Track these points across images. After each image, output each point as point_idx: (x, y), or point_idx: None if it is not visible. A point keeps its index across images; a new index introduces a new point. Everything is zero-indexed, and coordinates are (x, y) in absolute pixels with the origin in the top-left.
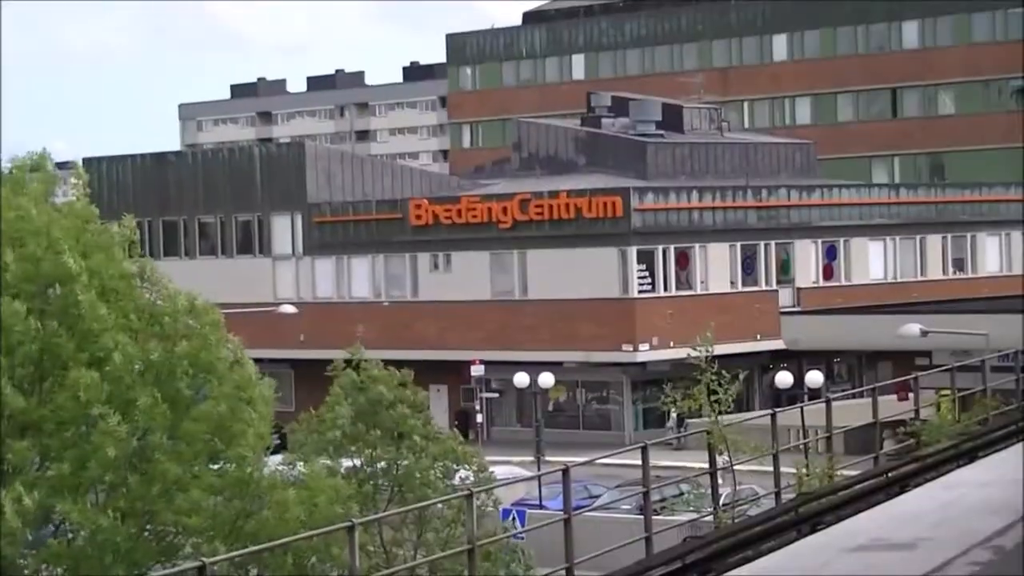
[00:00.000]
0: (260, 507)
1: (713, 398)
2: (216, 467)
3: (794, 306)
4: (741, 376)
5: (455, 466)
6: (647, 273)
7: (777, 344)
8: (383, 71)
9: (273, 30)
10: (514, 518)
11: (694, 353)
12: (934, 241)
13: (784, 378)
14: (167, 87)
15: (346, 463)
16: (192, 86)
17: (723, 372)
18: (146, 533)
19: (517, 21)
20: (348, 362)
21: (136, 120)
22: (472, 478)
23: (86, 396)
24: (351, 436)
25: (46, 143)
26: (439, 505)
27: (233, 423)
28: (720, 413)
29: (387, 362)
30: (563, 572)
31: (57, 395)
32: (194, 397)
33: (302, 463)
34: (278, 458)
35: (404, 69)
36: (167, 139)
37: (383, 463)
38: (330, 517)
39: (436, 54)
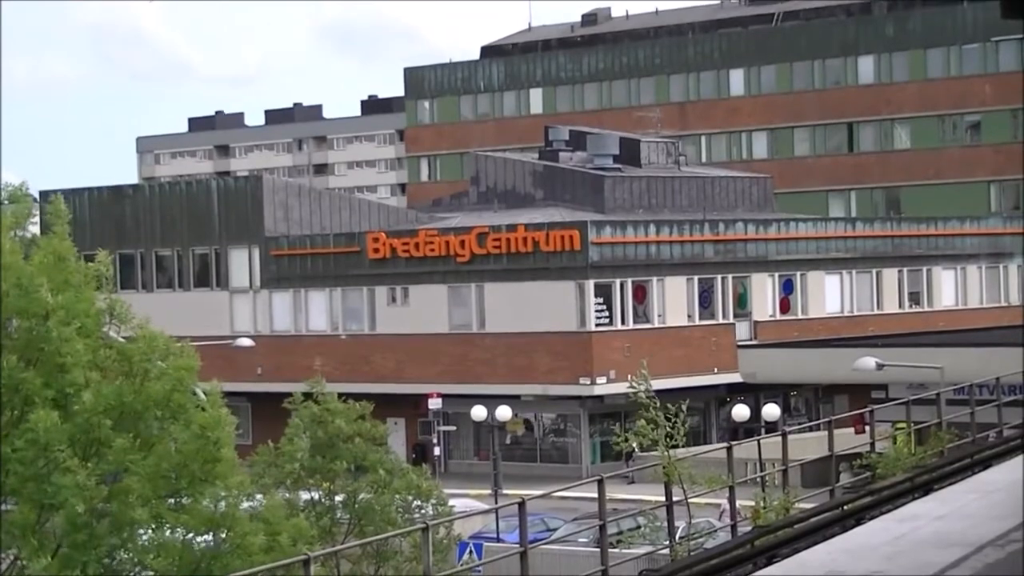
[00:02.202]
0: (229, 550)
1: (665, 432)
2: (174, 503)
3: (751, 339)
4: (684, 407)
5: (416, 501)
6: (604, 306)
7: (734, 377)
8: (341, 104)
9: (227, 63)
10: (471, 551)
11: (631, 388)
12: (890, 275)
13: (741, 411)
14: (124, 121)
15: (304, 496)
16: (149, 119)
17: (668, 406)
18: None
19: (475, 55)
20: (308, 395)
21: (92, 153)
22: (431, 512)
23: (46, 438)
24: (310, 469)
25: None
26: (397, 539)
27: (202, 463)
28: (674, 447)
29: (345, 395)
30: None
31: (17, 434)
32: (161, 438)
33: (261, 496)
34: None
35: (362, 102)
36: (124, 172)
37: (341, 496)
38: (292, 556)
39: (394, 88)
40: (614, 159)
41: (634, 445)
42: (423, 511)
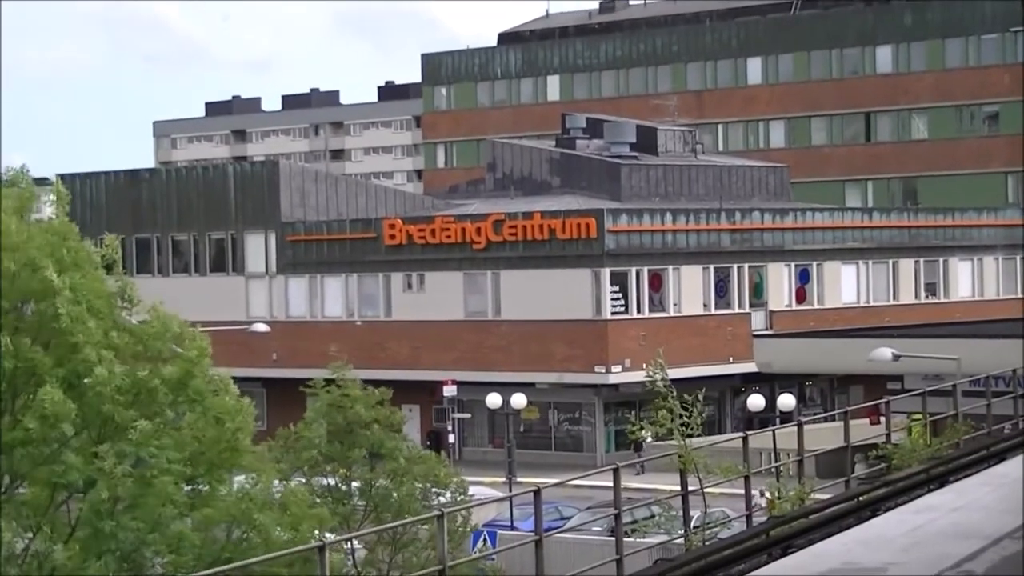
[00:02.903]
0: (250, 547)
1: (680, 421)
2: (191, 490)
3: (766, 329)
4: (700, 396)
5: (434, 489)
6: (620, 295)
7: (749, 367)
8: (358, 90)
9: (244, 48)
10: (486, 539)
11: (648, 377)
12: (906, 265)
13: (756, 401)
14: (140, 105)
15: (321, 482)
16: (166, 104)
17: (684, 395)
18: (125, 565)
19: (492, 42)
20: (330, 380)
21: (109, 138)
22: (448, 497)
23: (53, 411)
24: (327, 455)
25: (7, 159)
26: (414, 527)
27: (219, 451)
28: (690, 436)
29: (361, 382)
30: None
31: (27, 414)
32: (175, 421)
33: (278, 483)
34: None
35: (379, 88)
36: (141, 156)
37: (358, 483)
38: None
39: (411, 74)
40: (631, 147)
41: (648, 436)
42: (440, 499)
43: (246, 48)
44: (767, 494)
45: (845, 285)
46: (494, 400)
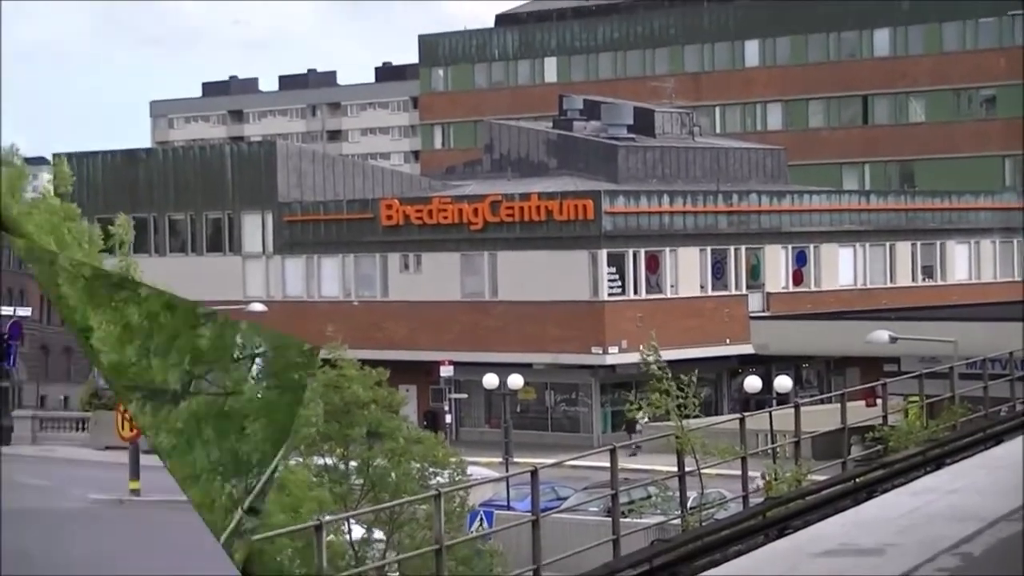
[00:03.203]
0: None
1: (677, 402)
2: None
3: (763, 311)
4: (694, 378)
5: (431, 468)
6: (617, 276)
7: (746, 349)
8: (355, 71)
9: (241, 28)
10: (482, 519)
11: (642, 359)
12: (903, 248)
13: (753, 383)
14: (138, 85)
15: (318, 461)
16: (164, 84)
17: (680, 376)
18: None
19: (490, 23)
20: (325, 360)
21: (106, 118)
22: (447, 477)
23: None
24: (324, 435)
25: (3, 139)
26: (412, 507)
27: None
28: (687, 417)
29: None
30: (530, 574)
31: None
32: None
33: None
34: None
35: (376, 69)
36: (138, 137)
37: (355, 462)
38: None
39: (408, 55)
40: (628, 129)
41: (645, 417)
42: (438, 479)
43: (243, 28)
44: (765, 475)
45: (842, 267)
46: (491, 380)
